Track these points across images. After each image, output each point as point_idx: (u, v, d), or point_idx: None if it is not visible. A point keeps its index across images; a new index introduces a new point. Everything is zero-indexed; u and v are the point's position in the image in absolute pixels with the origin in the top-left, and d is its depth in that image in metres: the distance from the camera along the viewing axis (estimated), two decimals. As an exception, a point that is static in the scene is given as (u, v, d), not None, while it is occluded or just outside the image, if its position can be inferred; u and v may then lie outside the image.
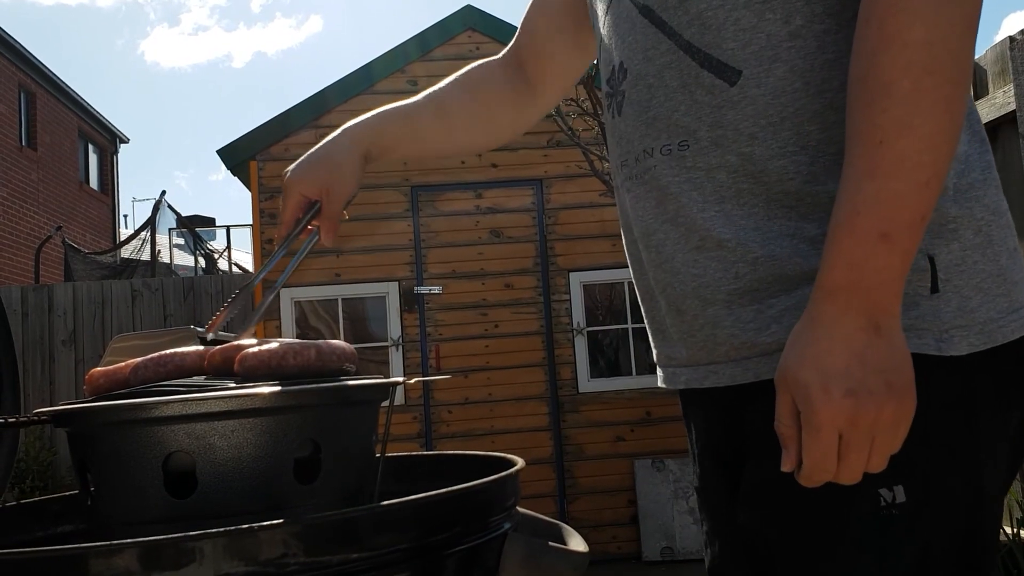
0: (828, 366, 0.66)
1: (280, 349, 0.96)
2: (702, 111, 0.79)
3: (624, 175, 0.88)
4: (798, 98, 0.76)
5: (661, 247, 0.84)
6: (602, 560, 4.62)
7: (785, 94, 0.76)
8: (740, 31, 0.77)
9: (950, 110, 0.67)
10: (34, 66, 13.85)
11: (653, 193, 0.84)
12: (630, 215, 0.89)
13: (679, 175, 0.81)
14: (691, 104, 0.80)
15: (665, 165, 0.82)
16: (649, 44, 0.83)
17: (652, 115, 0.83)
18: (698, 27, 0.79)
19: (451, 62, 5.24)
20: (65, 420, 0.94)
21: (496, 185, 5.10)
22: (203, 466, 0.86)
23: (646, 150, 0.84)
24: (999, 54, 2.91)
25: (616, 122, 0.89)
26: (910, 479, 0.71)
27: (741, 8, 0.77)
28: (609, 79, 0.90)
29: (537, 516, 1.05)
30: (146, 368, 0.98)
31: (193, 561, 0.69)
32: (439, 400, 4.90)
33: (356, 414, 0.97)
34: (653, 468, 4.64)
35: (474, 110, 1.19)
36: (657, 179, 0.83)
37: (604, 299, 5.14)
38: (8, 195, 12.65)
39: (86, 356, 6.24)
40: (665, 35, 0.81)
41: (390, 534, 0.79)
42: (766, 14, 0.76)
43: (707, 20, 0.78)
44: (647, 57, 0.83)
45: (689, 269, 0.81)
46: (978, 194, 0.76)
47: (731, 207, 0.78)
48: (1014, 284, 0.76)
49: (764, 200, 0.77)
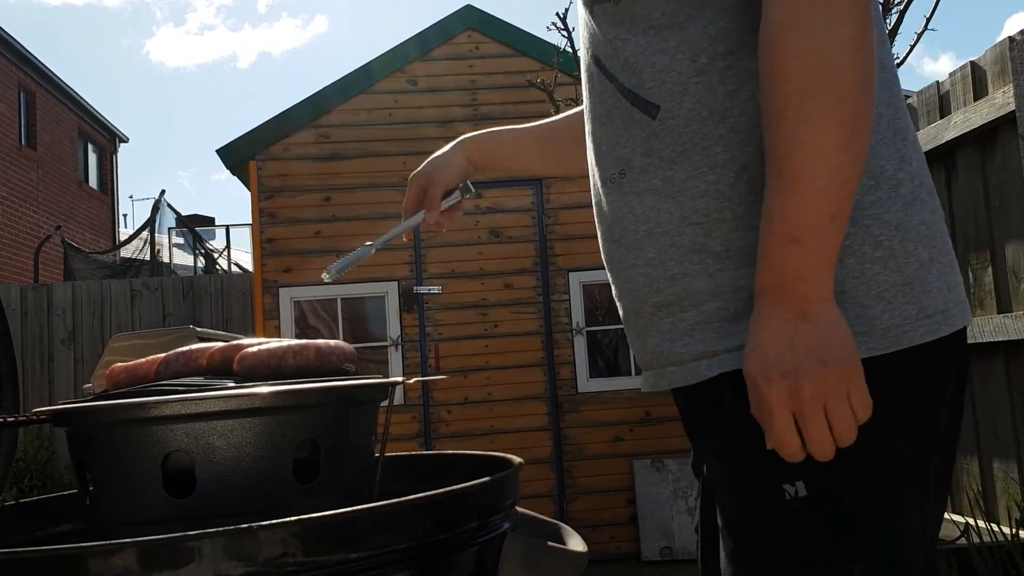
0: (765, 356, 0.76)
1: (279, 349, 0.96)
2: (635, 143, 0.90)
3: (594, 202, 1.01)
4: (705, 125, 0.86)
5: (613, 264, 0.97)
6: (601, 560, 4.62)
7: (695, 122, 0.86)
8: (656, 72, 0.88)
9: (842, 123, 0.76)
10: (34, 65, 13.84)
11: (605, 218, 0.97)
12: (598, 237, 1.02)
13: (619, 200, 0.93)
14: (628, 138, 0.91)
15: (612, 192, 0.94)
16: (601, 89, 0.95)
17: (604, 150, 0.96)
18: (627, 71, 0.91)
19: (451, 62, 5.25)
20: (64, 419, 0.94)
21: (496, 185, 5.10)
22: (202, 466, 0.86)
23: (601, 180, 0.97)
24: (999, 54, 2.91)
25: (589, 158, 1.02)
26: (810, 475, 0.78)
27: (657, 53, 0.88)
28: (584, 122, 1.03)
29: (536, 516, 1.05)
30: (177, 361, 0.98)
31: (192, 561, 0.69)
32: (438, 400, 4.90)
33: (355, 414, 0.97)
34: (652, 468, 4.64)
35: (571, 145, 1.28)
36: (607, 205, 0.96)
37: (603, 299, 5.14)
38: (7, 194, 12.64)
39: (85, 355, 6.24)
40: (608, 80, 0.93)
41: (389, 534, 0.79)
42: (676, 55, 0.87)
43: (632, 65, 0.90)
44: (600, 100, 0.96)
45: (627, 284, 0.93)
46: (878, 212, 0.83)
47: (655, 226, 0.88)
48: (925, 292, 0.83)
49: (679, 219, 0.86)
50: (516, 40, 5.25)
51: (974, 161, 3.09)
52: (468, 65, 5.22)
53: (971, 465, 3.19)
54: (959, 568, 2.18)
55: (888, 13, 2.84)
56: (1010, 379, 2.94)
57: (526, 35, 5.26)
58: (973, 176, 3.10)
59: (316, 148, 5.07)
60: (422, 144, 5.08)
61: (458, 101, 5.18)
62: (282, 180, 4.99)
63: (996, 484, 3.04)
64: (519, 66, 5.13)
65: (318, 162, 5.05)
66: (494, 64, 5.23)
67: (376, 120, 5.11)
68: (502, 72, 5.20)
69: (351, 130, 5.09)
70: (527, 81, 3.72)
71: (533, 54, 5.13)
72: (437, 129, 5.12)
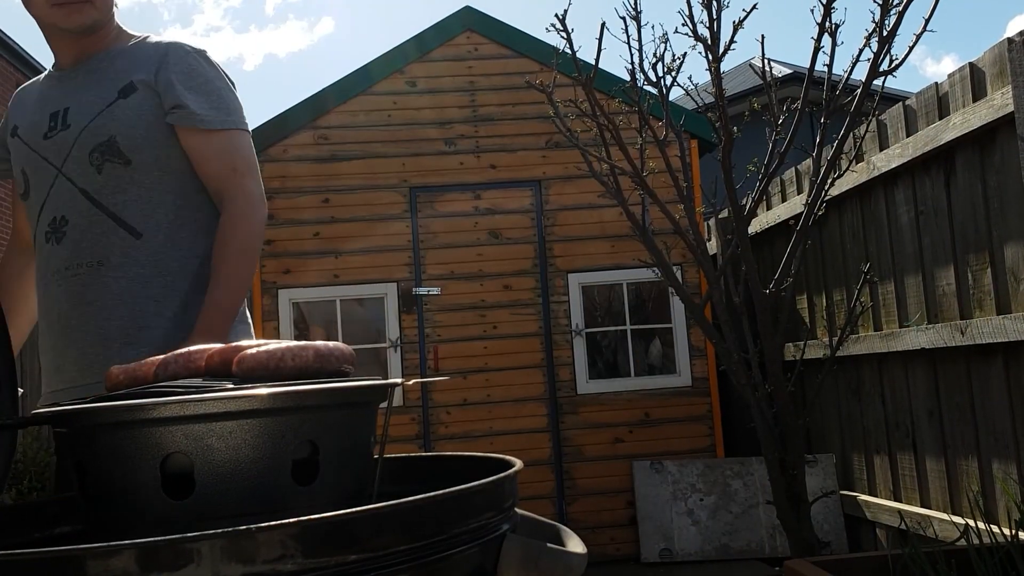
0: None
1: (278, 350, 0.96)
2: (115, 247, 1.64)
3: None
4: (166, 248, 1.66)
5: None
6: (600, 562, 4.62)
7: (162, 245, 1.66)
8: (143, 216, 1.66)
9: (244, 283, 1.65)
10: (33, 67, 13.84)
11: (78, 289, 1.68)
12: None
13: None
14: (114, 243, 1.64)
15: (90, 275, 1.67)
16: (84, 208, 1.66)
17: (84, 247, 1.66)
18: (121, 207, 1.65)
19: (450, 63, 5.25)
20: (62, 421, 0.94)
21: (494, 186, 5.09)
22: (201, 467, 0.86)
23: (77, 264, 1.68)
24: (997, 55, 2.91)
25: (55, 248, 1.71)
26: None
27: (149, 204, 1.67)
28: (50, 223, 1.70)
29: (535, 517, 1.05)
30: (176, 363, 0.98)
31: (191, 563, 0.69)
32: (438, 401, 4.90)
33: (354, 415, 0.97)
34: (652, 470, 4.64)
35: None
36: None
37: (603, 301, 5.14)
38: (5, 195, 12.63)
39: (84, 357, 6.22)
40: (92, 204, 1.66)
41: (388, 535, 0.78)
42: (157, 210, 1.67)
43: (126, 208, 1.66)
44: (80, 212, 1.65)
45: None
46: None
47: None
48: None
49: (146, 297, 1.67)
50: (515, 41, 5.25)
51: (973, 162, 3.09)
52: (467, 66, 5.22)
53: (970, 466, 3.19)
54: (959, 569, 2.18)
55: (887, 14, 2.84)
56: (1009, 380, 2.94)
57: (525, 36, 5.26)
58: (972, 177, 3.11)
59: (315, 149, 5.07)
60: (421, 145, 5.09)
61: (457, 102, 5.18)
62: (281, 181, 4.99)
63: (996, 485, 3.04)
64: (518, 67, 5.13)
65: (317, 163, 5.05)
66: (493, 65, 5.23)
67: (375, 121, 5.11)
68: (501, 73, 5.21)
69: (350, 131, 5.09)
70: (526, 82, 3.72)
71: (532, 55, 5.14)
72: (436, 130, 5.13)
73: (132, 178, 1.65)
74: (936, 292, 3.34)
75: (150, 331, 1.61)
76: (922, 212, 3.42)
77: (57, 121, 1.70)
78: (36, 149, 1.71)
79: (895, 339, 3.54)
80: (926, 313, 3.41)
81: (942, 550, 2.26)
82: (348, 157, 5.05)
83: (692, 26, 3.00)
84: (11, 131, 1.78)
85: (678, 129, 3.29)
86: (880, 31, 2.86)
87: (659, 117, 3.41)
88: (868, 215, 3.84)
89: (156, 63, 1.69)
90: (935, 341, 3.25)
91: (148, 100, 1.66)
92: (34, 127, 1.73)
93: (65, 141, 1.67)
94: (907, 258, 3.53)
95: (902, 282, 3.58)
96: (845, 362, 4.03)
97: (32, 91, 1.83)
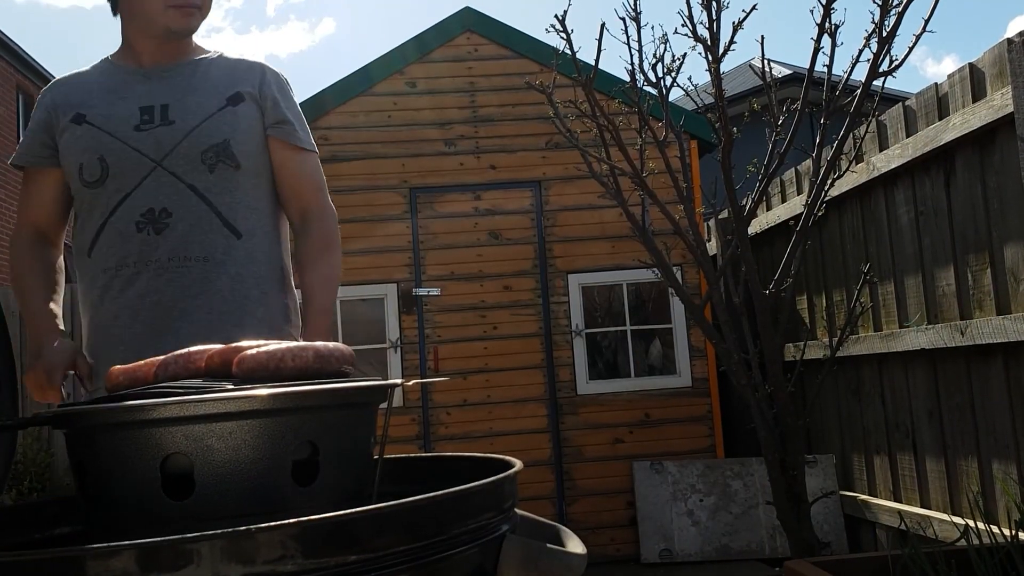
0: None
1: (278, 351, 0.96)
2: (218, 245, 1.73)
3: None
4: (258, 250, 1.77)
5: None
6: (600, 562, 4.62)
7: (255, 248, 1.77)
8: (243, 218, 1.77)
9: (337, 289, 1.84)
10: (33, 68, 13.84)
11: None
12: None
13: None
14: (218, 241, 1.73)
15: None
16: (192, 203, 1.73)
17: (191, 241, 1.73)
18: (228, 208, 1.74)
19: (450, 63, 5.25)
20: (63, 422, 0.94)
21: (494, 187, 5.09)
22: (201, 468, 0.86)
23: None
24: (997, 56, 2.91)
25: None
26: None
27: (249, 208, 1.78)
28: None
29: (535, 518, 1.05)
30: (176, 363, 0.98)
31: (191, 563, 0.69)
32: (438, 402, 4.89)
33: (354, 416, 0.97)
34: (652, 470, 4.64)
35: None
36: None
37: (603, 301, 5.14)
38: (6, 196, 12.63)
39: (84, 358, 6.22)
40: (202, 201, 1.74)
41: (388, 536, 0.78)
42: (253, 214, 1.78)
43: (232, 210, 1.75)
44: (187, 207, 1.72)
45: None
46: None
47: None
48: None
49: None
50: (515, 42, 5.25)
51: (973, 163, 3.09)
52: (467, 67, 5.22)
53: (970, 466, 3.19)
54: (959, 569, 2.18)
55: (887, 14, 2.84)
56: (1009, 381, 2.94)
57: (525, 37, 5.26)
58: (972, 178, 3.11)
59: (315, 150, 5.06)
60: (421, 146, 5.09)
61: (457, 103, 5.18)
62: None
63: (995, 485, 3.04)
64: (518, 68, 5.13)
65: (317, 164, 5.04)
66: (493, 66, 5.23)
67: (375, 122, 5.11)
68: (501, 74, 5.21)
69: (350, 132, 5.09)
70: (526, 83, 3.72)
71: (532, 56, 5.13)
72: (436, 131, 5.13)
73: (239, 182, 1.76)
74: (936, 292, 3.34)
75: (243, 330, 1.68)
76: (922, 212, 3.42)
77: (153, 116, 1.74)
78: (124, 139, 1.73)
79: (895, 339, 3.54)
80: (926, 313, 3.41)
81: (942, 550, 2.26)
82: (348, 158, 5.05)
83: (692, 27, 3.00)
84: (72, 117, 1.77)
85: (678, 130, 3.30)
86: (880, 32, 2.86)
87: (659, 118, 3.41)
88: (868, 216, 3.84)
89: (257, 78, 1.82)
90: (935, 341, 3.25)
91: (254, 111, 1.79)
92: (119, 117, 1.75)
93: (169, 137, 1.73)
94: (907, 258, 3.53)
95: (902, 282, 3.58)
96: (845, 362, 4.03)
97: (89, 81, 1.83)
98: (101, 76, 1.84)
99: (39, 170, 1.82)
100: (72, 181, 1.78)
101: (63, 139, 1.77)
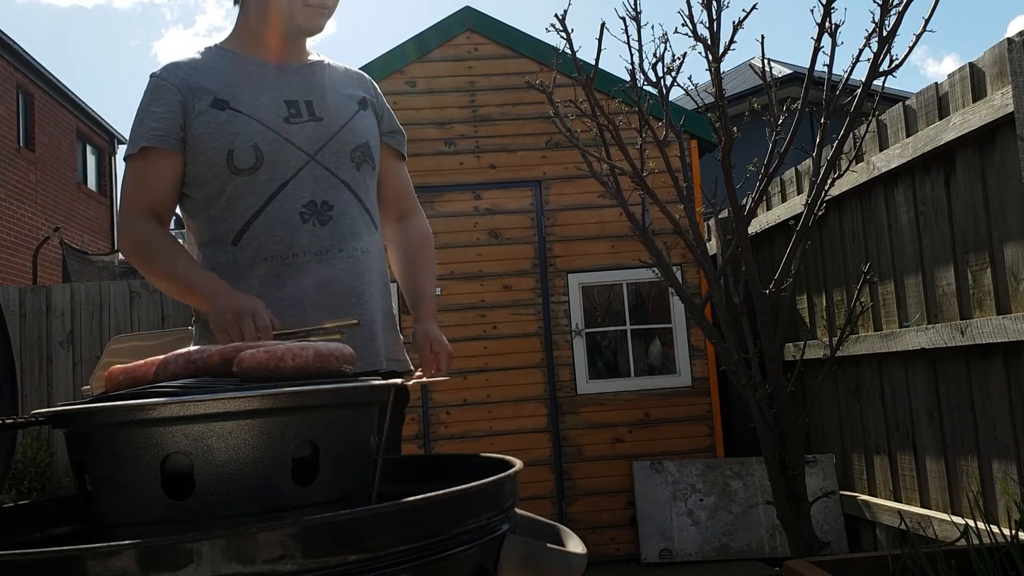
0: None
1: (278, 351, 0.96)
2: (366, 238, 1.81)
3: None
4: (381, 244, 1.88)
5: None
6: (600, 562, 4.62)
7: (380, 241, 1.88)
8: (375, 214, 1.87)
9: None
10: (32, 67, 13.83)
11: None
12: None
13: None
14: (366, 234, 1.82)
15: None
16: (347, 198, 1.79)
17: (352, 233, 1.79)
18: (369, 205, 1.85)
19: (450, 63, 5.25)
20: (62, 421, 0.94)
21: (494, 186, 5.09)
22: (201, 468, 0.86)
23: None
24: (997, 56, 2.91)
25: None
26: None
27: (375, 205, 1.89)
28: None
29: (535, 518, 1.05)
30: (176, 363, 0.98)
31: (191, 563, 0.69)
32: (437, 401, 4.90)
33: (354, 416, 0.97)
34: (652, 470, 4.64)
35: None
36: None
37: (603, 300, 5.14)
38: (6, 196, 12.63)
39: (84, 357, 6.23)
40: (354, 197, 1.81)
41: (388, 536, 0.78)
42: (376, 211, 1.88)
43: (371, 206, 1.85)
44: (344, 201, 1.78)
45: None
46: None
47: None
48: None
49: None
50: (515, 41, 5.25)
51: (973, 162, 3.09)
52: (467, 67, 5.22)
53: (970, 466, 3.19)
54: (958, 569, 2.18)
55: (887, 14, 2.84)
56: (1009, 380, 2.94)
57: (525, 36, 5.26)
58: (972, 177, 3.11)
59: (315, 150, 5.06)
60: (421, 145, 5.08)
61: (457, 102, 5.18)
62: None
63: (995, 485, 3.04)
64: (518, 67, 5.13)
65: (317, 164, 5.04)
66: (493, 65, 5.23)
67: (375, 122, 5.10)
68: (501, 73, 5.20)
69: (350, 132, 5.07)
70: (526, 82, 3.72)
71: (532, 55, 5.13)
72: (436, 130, 5.12)
73: (372, 182, 1.87)
74: (936, 292, 3.34)
75: (385, 319, 1.87)
76: (922, 212, 3.42)
77: (299, 110, 1.78)
78: (276, 130, 1.74)
79: (895, 339, 3.54)
80: (926, 313, 3.41)
81: (942, 550, 2.26)
82: (348, 157, 5.05)
83: (692, 26, 3.00)
84: (211, 102, 1.72)
85: (678, 129, 3.29)
86: (880, 31, 2.86)
87: (659, 117, 3.41)
88: (868, 215, 3.84)
89: (370, 88, 1.96)
90: (935, 341, 3.25)
91: (374, 118, 1.91)
92: (267, 107, 1.75)
93: (320, 132, 1.78)
94: (907, 258, 3.53)
95: (902, 282, 3.58)
96: (845, 362, 4.03)
97: (215, 67, 1.79)
98: (228, 63, 1.80)
99: (166, 153, 1.72)
100: (210, 167, 1.71)
101: (200, 122, 1.71)
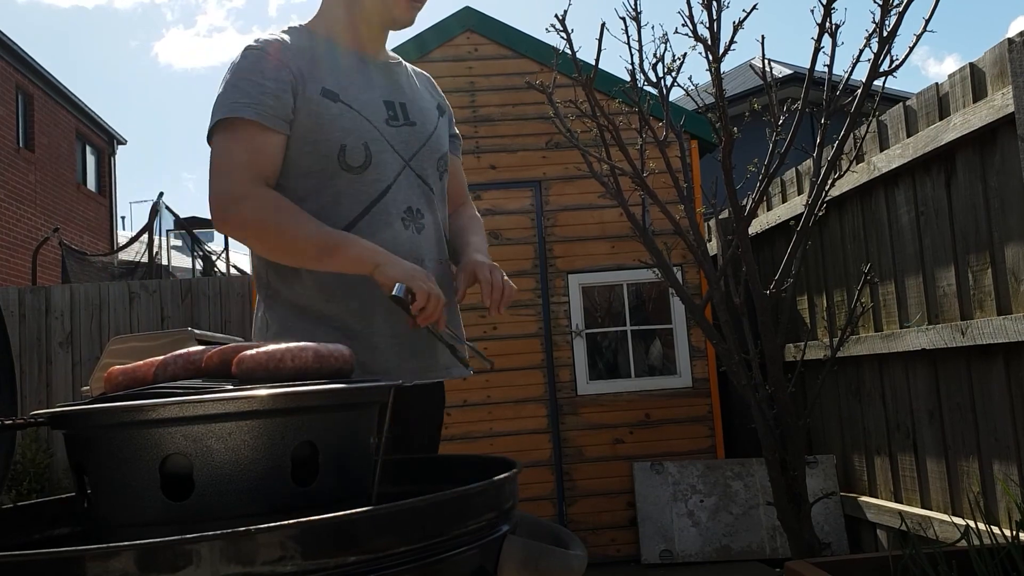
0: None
1: (277, 351, 0.96)
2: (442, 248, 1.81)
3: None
4: (439, 228, 1.77)
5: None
6: (600, 563, 4.62)
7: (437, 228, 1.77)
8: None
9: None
10: (32, 68, 13.84)
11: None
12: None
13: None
14: (445, 246, 1.82)
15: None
16: (433, 207, 1.76)
17: (440, 244, 1.78)
18: (443, 218, 1.82)
19: (450, 63, 5.24)
20: (62, 422, 0.94)
21: (494, 187, 5.09)
22: (200, 468, 0.86)
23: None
24: (998, 56, 2.91)
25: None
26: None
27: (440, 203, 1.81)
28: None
29: (535, 519, 1.05)
30: (175, 364, 0.98)
31: (190, 564, 0.69)
32: (437, 402, 4.89)
33: (354, 416, 0.97)
34: (652, 471, 4.64)
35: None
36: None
37: (603, 301, 5.13)
38: (5, 196, 12.63)
39: (83, 358, 6.23)
40: (436, 207, 1.79)
41: (388, 537, 0.78)
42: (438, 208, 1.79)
43: (445, 216, 1.83)
44: (431, 210, 1.76)
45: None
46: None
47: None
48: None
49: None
50: (515, 42, 5.25)
51: (973, 163, 3.09)
52: (467, 67, 5.22)
53: (971, 467, 3.19)
54: (959, 570, 2.18)
55: (887, 14, 2.84)
56: (1010, 381, 2.94)
57: (525, 37, 5.25)
58: (972, 178, 3.10)
59: (315, 150, 5.05)
60: (421, 146, 5.08)
61: (457, 103, 5.17)
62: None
63: (996, 486, 3.04)
64: (518, 67, 5.13)
65: (317, 164, 5.04)
66: (493, 66, 5.23)
67: (375, 122, 5.10)
68: (501, 74, 5.20)
69: (350, 132, 5.07)
70: (526, 83, 3.72)
71: (532, 56, 5.13)
72: (436, 131, 5.12)
73: (446, 192, 1.84)
74: (937, 293, 3.34)
75: (456, 329, 1.85)
76: (922, 213, 3.42)
77: (396, 112, 1.72)
78: (380, 131, 1.68)
79: (896, 340, 3.54)
80: (927, 314, 3.40)
81: (943, 551, 2.25)
82: (348, 158, 5.05)
83: (692, 26, 3.00)
84: (321, 91, 1.64)
85: (678, 129, 3.29)
86: (880, 31, 2.86)
87: (659, 117, 3.41)
88: (868, 216, 3.84)
89: (438, 91, 1.94)
90: (936, 342, 3.25)
91: (447, 124, 1.89)
92: (372, 106, 1.69)
93: (413, 138, 1.73)
94: (907, 259, 3.53)
95: (903, 283, 3.58)
96: (846, 363, 4.03)
97: (318, 54, 1.69)
98: (327, 52, 1.71)
99: (274, 132, 1.60)
100: (317, 159, 1.63)
101: (311, 111, 1.62)
